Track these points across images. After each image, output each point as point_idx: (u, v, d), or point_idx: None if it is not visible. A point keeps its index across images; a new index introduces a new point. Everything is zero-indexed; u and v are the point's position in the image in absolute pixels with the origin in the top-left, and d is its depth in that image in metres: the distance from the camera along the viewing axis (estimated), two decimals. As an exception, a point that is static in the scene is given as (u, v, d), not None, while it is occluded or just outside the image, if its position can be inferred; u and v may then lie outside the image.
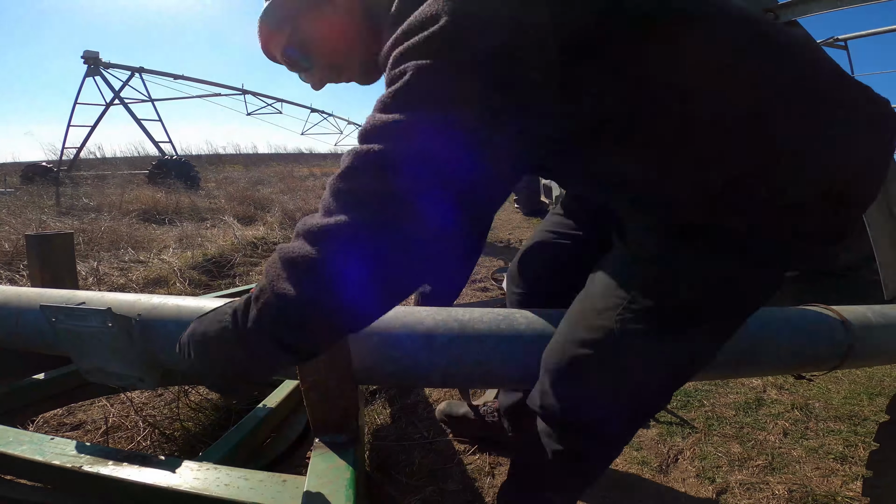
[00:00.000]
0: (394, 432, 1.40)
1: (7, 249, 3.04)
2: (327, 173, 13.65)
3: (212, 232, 4.03)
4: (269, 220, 4.95)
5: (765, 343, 0.83)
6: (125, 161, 14.22)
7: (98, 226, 3.90)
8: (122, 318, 0.77)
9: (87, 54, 10.62)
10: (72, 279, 1.28)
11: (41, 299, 0.87)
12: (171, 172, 8.46)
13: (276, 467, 0.92)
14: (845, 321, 0.87)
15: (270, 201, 6.24)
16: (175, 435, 1.30)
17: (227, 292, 1.73)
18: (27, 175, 10.10)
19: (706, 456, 1.32)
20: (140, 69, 11.09)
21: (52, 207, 5.47)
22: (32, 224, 3.89)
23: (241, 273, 3.02)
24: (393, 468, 1.23)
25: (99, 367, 0.80)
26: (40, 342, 0.87)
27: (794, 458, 1.32)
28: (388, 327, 0.77)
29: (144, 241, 3.73)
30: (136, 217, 4.80)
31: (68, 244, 1.28)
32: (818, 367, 0.90)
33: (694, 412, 1.55)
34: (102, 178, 9.34)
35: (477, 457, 1.30)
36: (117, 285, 2.64)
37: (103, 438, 1.27)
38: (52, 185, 7.84)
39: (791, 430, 1.46)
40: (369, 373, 0.78)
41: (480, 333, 0.76)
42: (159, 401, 1.45)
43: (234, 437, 0.88)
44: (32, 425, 1.32)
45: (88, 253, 3.24)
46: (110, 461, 0.69)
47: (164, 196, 5.93)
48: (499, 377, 0.79)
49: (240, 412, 1.32)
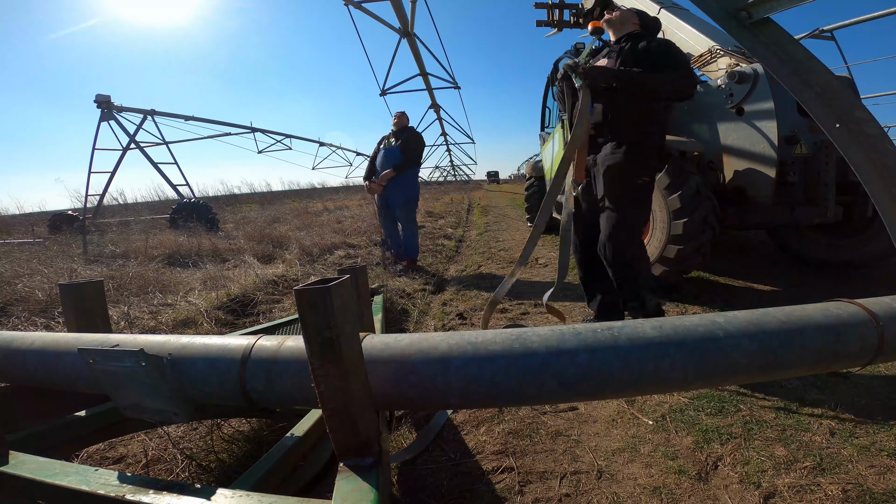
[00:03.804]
0: (421, 456, 1.39)
1: (41, 298, 3.19)
2: (341, 207, 13.94)
3: (234, 272, 4.14)
4: (288, 257, 5.06)
5: (791, 344, 0.81)
6: (146, 206, 14.70)
7: (126, 272, 4.06)
8: (155, 357, 0.81)
9: (99, 98, 10.50)
10: (104, 323, 1.34)
11: (78, 343, 0.92)
12: (192, 216, 8.74)
13: (307, 493, 0.93)
14: (872, 315, 0.85)
15: (288, 238, 6.38)
16: (211, 466, 1.34)
17: (251, 329, 1.78)
18: (54, 224, 10.39)
19: (748, 461, 1.26)
20: (152, 112, 11.34)
21: (81, 256, 5.70)
22: (64, 273, 4.06)
23: (265, 311, 3.08)
24: (422, 492, 1.22)
25: (135, 403, 0.84)
26: (79, 382, 0.92)
27: (845, 458, 1.25)
28: (404, 355, 0.79)
29: (171, 284, 3.86)
30: (161, 262, 4.98)
31: (99, 291, 1.34)
32: (850, 364, 0.87)
33: (730, 418, 1.50)
34: (126, 224, 9.70)
35: (506, 476, 1.27)
36: (148, 327, 2.73)
37: (144, 470, 1.32)
38: (79, 234, 8.10)
39: (838, 430, 1.39)
40: (388, 398, 0.79)
41: (494, 354, 0.77)
42: (194, 434, 1.49)
43: (264, 465, 0.90)
44: (77, 459, 1.37)
45: (119, 298, 3.37)
46: (151, 490, 0.72)
47: (185, 240, 6.14)
48: (516, 396, 0.79)
49: (270, 442, 1.34)
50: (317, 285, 0.67)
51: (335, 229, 7.41)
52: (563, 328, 0.82)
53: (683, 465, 1.27)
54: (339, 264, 4.76)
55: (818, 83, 1.11)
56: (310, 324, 0.67)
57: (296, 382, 0.79)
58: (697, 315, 0.86)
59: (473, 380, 0.77)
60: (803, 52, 1.12)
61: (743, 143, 3.08)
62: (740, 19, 1.13)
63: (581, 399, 1.50)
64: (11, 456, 0.86)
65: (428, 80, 13.32)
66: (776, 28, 1.13)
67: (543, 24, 6.21)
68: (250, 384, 0.81)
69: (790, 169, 2.90)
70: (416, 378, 0.77)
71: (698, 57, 3.45)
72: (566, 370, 0.76)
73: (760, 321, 0.83)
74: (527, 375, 0.76)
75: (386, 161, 4.29)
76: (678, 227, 2.77)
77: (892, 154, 1.07)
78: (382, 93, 11.86)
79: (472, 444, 1.45)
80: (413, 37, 10.29)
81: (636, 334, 0.79)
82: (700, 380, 0.80)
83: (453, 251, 5.61)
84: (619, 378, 0.77)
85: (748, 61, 3.08)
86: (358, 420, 0.72)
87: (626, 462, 1.31)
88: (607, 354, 0.77)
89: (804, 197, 2.96)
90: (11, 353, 1.04)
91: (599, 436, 1.46)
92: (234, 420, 1.52)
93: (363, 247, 5.94)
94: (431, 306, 3.16)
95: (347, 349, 0.69)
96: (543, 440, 1.45)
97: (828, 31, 6.60)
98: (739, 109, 3.04)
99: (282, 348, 0.83)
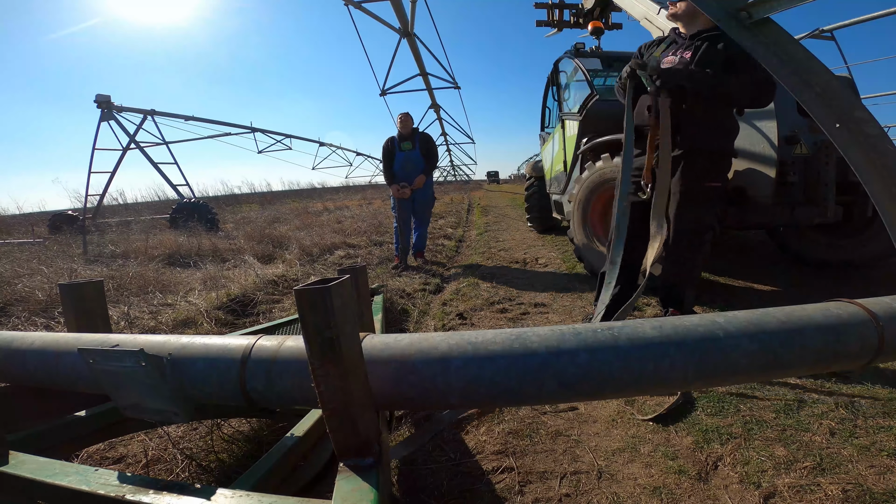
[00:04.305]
0: (421, 456, 1.39)
1: (41, 298, 3.19)
2: (341, 207, 13.93)
3: (234, 272, 4.14)
4: (288, 257, 5.06)
5: (791, 344, 0.81)
6: (146, 206, 14.68)
7: (126, 272, 4.06)
8: (155, 357, 0.80)
9: (99, 98, 10.47)
10: (104, 323, 1.33)
11: (78, 343, 0.92)
12: (192, 215, 8.74)
13: (307, 493, 0.93)
14: (872, 315, 0.85)
15: (288, 238, 6.38)
16: (211, 466, 1.34)
17: (251, 329, 1.78)
18: (54, 224, 10.36)
19: (748, 461, 1.26)
20: (152, 112, 11.31)
21: (81, 256, 5.70)
22: (64, 273, 4.06)
23: (265, 311, 3.08)
24: (422, 492, 1.22)
25: (135, 403, 0.84)
26: (79, 382, 0.92)
27: (846, 458, 1.25)
28: (404, 355, 0.79)
29: (171, 284, 3.86)
30: (161, 262, 4.98)
31: (99, 291, 1.34)
32: (850, 364, 0.87)
33: (730, 418, 1.50)
34: (126, 224, 9.69)
35: (505, 476, 1.27)
36: (148, 327, 2.73)
37: (144, 470, 1.32)
38: (79, 234, 8.10)
39: (838, 430, 1.39)
40: (388, 398, 0.79)
41: (494, 354, 0.77)
42: (194, 434, 1.49)
43: (264, 465, 0.90)
44: (77, 459, 1.37)
45: (119, 298, 3.37)
46: (151, 490, 0.72)
47: (185, 240, 6.14)
48: (516, 396, 0.79)
49: (270, 442, 1.34)
50: (317, 285, 0.67)
51: (335, 229, 7.41)
52: (563, 328, 0.82)
53: (683, 465, 1.27)
54: (339, 264, 4.76)
55: (818, 83, 1.12)
56: (310, 324, 0.67)
57: (296, 382, 0.79)
58: (697, 315, 0.86)
59: (473, 380, 0.77)
60: (803, 52, 1.12)
61: (743, 143, 3.08)
62: (740, 19, 1.13)
63: (581, 399, 1.50)
64: (11, 456, 0.86)
65: (428, 80, 13.32)
66: (776, 28, 1.13)
67: (543, 24, 6.22)
68: (250, 384, 0.81)
69: (790, 169, 2.90)
70: (416, 378, 0.77)
71: (698, 57, 3.45)
72: (566, 370, 0.76)
73: (760, 321, 0.83)
74: (527, 375, 0.76)
75: (412, 167, 4.54)
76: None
77: (892, 154, 1.07)
78: (382, 93, 11.86)
79: (472, 444, 1.45)
80: (413, 37, 10.29)
81: (636, 334, 0.79)
82: (700, 380, 0.80)
83: (453, 251, 5.61)
84: (619, 378, 0.77)
85: (748, 61, 3.07)
86: (358, 420, 0.72)
87: (626, 462, 1.31)
88: (607, 354, 0.77)
89: (804, 197, 2.95)
90: (11, 353, 1.04)
91: (599, 436, 1.46)
92: (234, 420, 1.51)
93: (363, 247, 5.94)
94: (431, 306, 3.16)
95: (347, 349, 0.69)
96: (543, 440, 1.45)
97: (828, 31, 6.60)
98: (739, 109, 3.04)
99: (282, 348, 0.83)
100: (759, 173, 2.99)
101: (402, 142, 4.54)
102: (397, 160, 4.54)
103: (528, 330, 0.82)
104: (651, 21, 3.90)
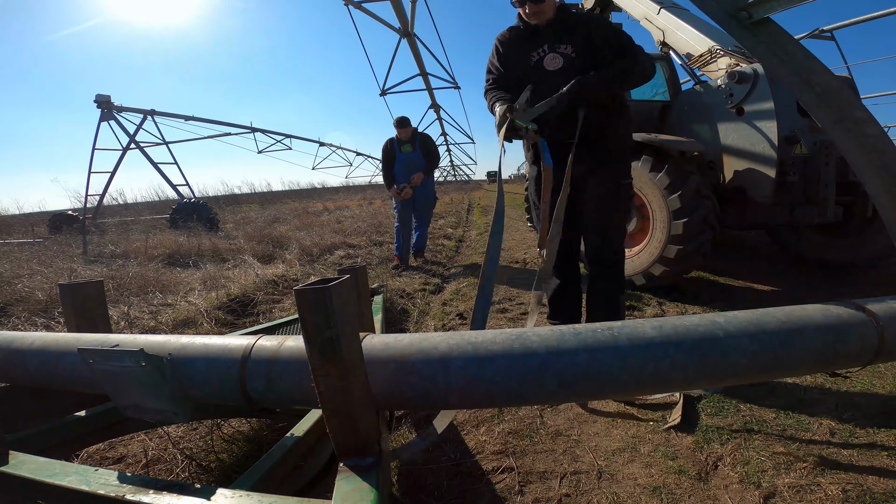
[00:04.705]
0: (421, 456, 1.39)
1: (41, 298, 3.18)
2: (341, 207, 13.92)
3: (234, 272, 4.13)
4: (288, 257, 5.05)
5: (791, 344, 0.81)
6: (147, 206, 14.65)
7: (126, 272, 4.05)
8: (155, 357, 0.80)
9: (99, 98, 10.43)
10: (104, 323, 1.33)
11: (78, 343, 0.92)
12: (192, 215, 8.72)
13: (307, 493, 0.93)
14: (872, 315, 0.85)
15: (288, 238, 6.38)
16: (211, 466, 1.33)
17: (251, 330, 1.78)
18: (54, 224, 10.32)
19: (748, 461, 1.26)
20: (152, 112, 11.27)
21: (81, 256, 5.69)
22: (64, 273, 4.06)
23: (264, 311, 3.08)
24: (422, 491, 1.22)
25: (135, 403, 0.84)
26: (79, 382, 0.92)
27: (845, 458, 1.25)
28: (404, 355, 0.79)
29: (171, 284, 3.85)
30: (161, 262, 4.97)
31: (99, 291, 1.34)
32: (850, 364, 0.87)
33: (731, 418, 1.50)
34: (126, 224, 9.69)
35: (505, 476, 1.27)
36: (148, 327, 2.73)
37: (144, 470, 1.32)
38: (79, 234, 8.08)
39: (838, 430, 1.39)
40: (388, 398, 0.79)
41: (494, 354, 0.77)
42: (194, 434, 1.49)
43: (264, 465, 0.90)
44: (77, 459, 1.36)
45: (119, 298, 3.36)
46: (151, 490, 0.72)
47: (185, 240, 6.13)
48: (516, 396, 0.79)
49: (270, 442, 1.33)
50: (317, 285, 0.67)
51: (335, 229, 7.40)
52: (562, 328, 0.82)
53: (683, 465, 1.27)
54: (339, 264, 4.76)
55: (818, 83, 1.12)
56: (310, 324, 0.67)
57: (296, 382, 0.79)
58: (697, 315, 0.86)
59: (473, 380, 0.77)
60: (803, 52, 1.12)
61: (743, 143, 3.08)
62: (740, 19, 1.13)
63: (581, 399, 1.51)
64: (11, 456, 0.86)
65: (428, 80, 13.31)
66: (776, 28, 1.13)
67: (543, 24, 6.20)
68: (250, 384, 0.81)
69: (790, 169, 2.90)
70: (416, 378, 0.77)
71: (698, 57, 3.45)
72: (566, 370, 0.76)
73: (760, 321, 0.83)
74: (527, 375, 0.76)
75: (412, 168, 4.52)
76: (678, 227, 2.77)
77: (892, 154, 1.07)
78: (382, 93, 11.86)
79: (472, 444, 1.45)
80: (413, 37, 10.29)
81: (636, 334, 0.79)
82: (700, 380, 0.80)
83: (453, 251, 5.61)
84: (619, 378, 0.77)
85: (748, 61, 3.08)
86: (358, 420, 0.72)
87: (626, 462, 1.31)
88: (607, 354, 0.77)
89: (804, 197, 2.96)
90: (11, 353, 1.04)
91: (599, 436, 1.46)
92: (234, 420, 1.51)
93: (363, 247, 5.94)
94: (431, 306, 3.16)
95: (347, 349, 0.69)
96: (543, 440, 1.45)
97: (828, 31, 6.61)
98: (739, 109, 3.05)
99: (282, 348, 0.83)
100: (759, 173, 2.99)
101: (401, 144, 4.52)
102: (398, 162, 4.52)
103: (528, 330, 0.82)
104: (651, 21, 3.90)
